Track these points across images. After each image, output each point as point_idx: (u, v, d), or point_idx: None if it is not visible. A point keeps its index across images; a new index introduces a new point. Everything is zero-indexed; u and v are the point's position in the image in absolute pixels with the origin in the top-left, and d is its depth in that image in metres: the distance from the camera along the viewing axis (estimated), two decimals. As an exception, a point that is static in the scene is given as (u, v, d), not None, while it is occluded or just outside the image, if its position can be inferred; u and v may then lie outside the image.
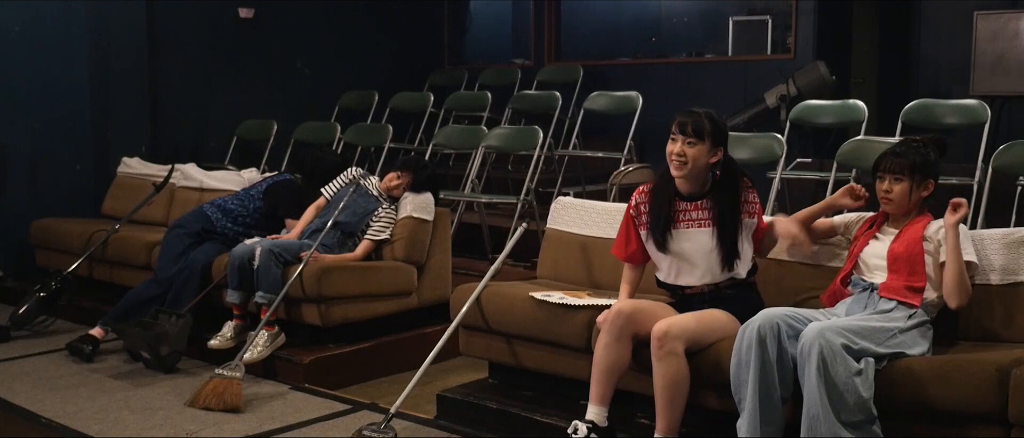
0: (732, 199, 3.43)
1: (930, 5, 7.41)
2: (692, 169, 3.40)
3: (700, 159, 3.40)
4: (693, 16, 9.25)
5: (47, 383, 4.55)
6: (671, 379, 3.23)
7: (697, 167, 3.40)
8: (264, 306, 4.57)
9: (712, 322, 3.36)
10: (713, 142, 3.40)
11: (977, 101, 5.61)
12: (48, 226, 6.17)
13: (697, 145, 3.39)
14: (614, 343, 3.36)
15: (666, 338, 3.23)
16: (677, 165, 3.42)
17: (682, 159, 3.40)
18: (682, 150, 3.40)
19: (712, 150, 3.41)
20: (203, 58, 7.33)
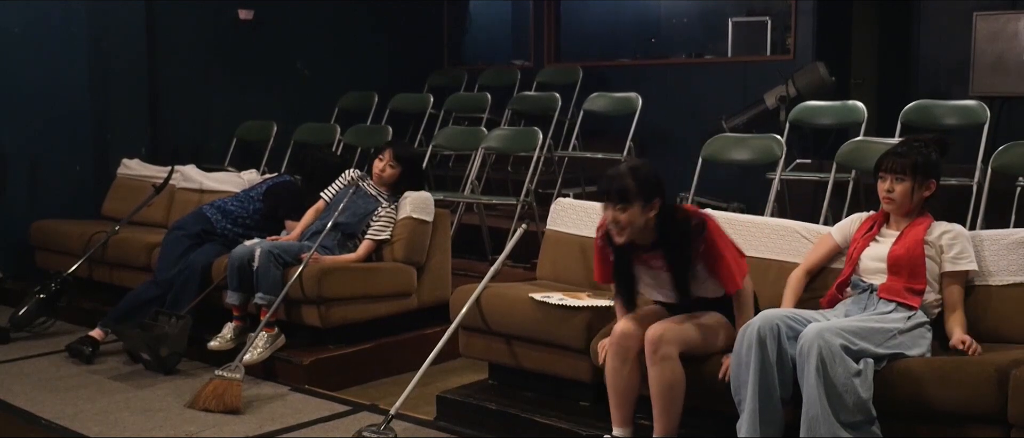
0: (683, 249, 3.30)
1: (929, 6, 7.40)
2: (632, 231, 3.27)
3: (636, 220, 3.25)
4: (692, 17, 9.25)
5: (47, 384, 4.55)
6: (666, 383, 3.23)
7: (636, 228, 3.27)
8: (264, 307, 4.57)
9: (706, 325, 3.35)
10: (643, 199, 3.24)
11: (976, 102, 5.61)
12: (48, 227, 6.17)
13: (628, 209, 3.24)
14: (622, 367, 3.35)
15: (660, 343, 3.23)
16: (616, 232, 3.28)
17: (618, 226, 3.26)
18: (615, 217, 3.26)
19: (645, 207, 3.25)
20: (203, 59, 7.33)
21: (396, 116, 7.68)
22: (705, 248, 3.28)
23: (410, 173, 4.99)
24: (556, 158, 6.63)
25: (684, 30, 9.29)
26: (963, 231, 3.41)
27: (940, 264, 3.36)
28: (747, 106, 6.99)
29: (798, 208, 5.70)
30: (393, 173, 4.93)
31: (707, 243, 3.28)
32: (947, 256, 3.35)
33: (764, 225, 4.01)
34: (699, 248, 3.29)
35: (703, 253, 3.29)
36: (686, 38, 9.15)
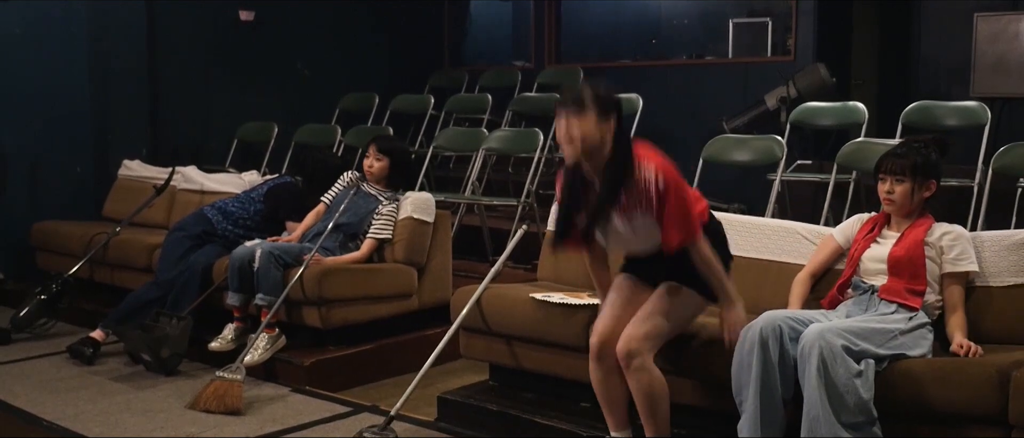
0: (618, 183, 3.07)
1: (930, 7, 7.41)
2: (585, 148, 3.03)
3: (590, 134, 3.01)
4: (693, 18, 9.25)
5: (48, 386, 4.55)
6: (645, 392, 3.18)
7: (590, 144, 3.02)
8: (264, 308, 4.57)
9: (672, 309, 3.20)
10: (599, 110, 3.02)
11: (977, 103, 5.61)
12: (49, 228, 6.17)
13: (583, 116, 3.01)
14: (606, 377, 3.29)
15: (630, 356, 3.15)
16: (566, 145, 3.06)
17: (570, 139, 3.03)
18: (568, 128, 3.03)
19: (600, 120, 3.02)
20: (203, 60, 7.34)
21: (397, 117, 7.69)
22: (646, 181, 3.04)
23: (398, 164, 4.98)
24: (557, 159, 6.63)
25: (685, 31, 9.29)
26: (964, 232, 3.40)
27: (940, 265, 3.36)
28: (748, 107, 6.99)
29: (799, 209, 5.70)
30: (381, 166, 4.93)
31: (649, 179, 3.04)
32: (948, 257, 3.35)
33: (765, 226, 4.02)
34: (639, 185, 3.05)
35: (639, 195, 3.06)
36: (687, 39, 9.15)
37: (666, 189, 3.05)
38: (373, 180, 4.95)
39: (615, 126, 3.07)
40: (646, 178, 3.05)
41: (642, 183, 3.05)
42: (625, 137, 3.11)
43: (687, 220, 3.09)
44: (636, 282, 3.34)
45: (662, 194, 3.05)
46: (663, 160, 3.10)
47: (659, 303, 3.22)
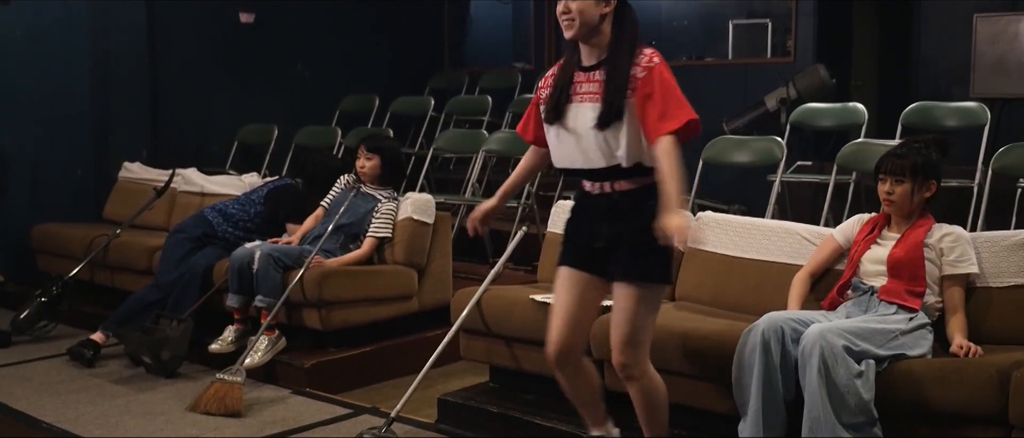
0: (624, 69, 2.89)
1: (930, 8, 7.41)
2: (582, 26, 2.90)
3: (587, 11, 2.88)
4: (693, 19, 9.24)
5: (48, 388, 4.55)
6: (646, 400, 3.10)
7: (588, 23, 2.89)
8: (264, 310, 4.57)
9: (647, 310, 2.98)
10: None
11: (977, 103, 5.61)
12: (49, 231, 6.18)
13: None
14: (571, 381, 3.16)
15: (628, 370, 3.02)
16: (565, 26, 2.92)
17: (568, 16, 2.90)
18: (566, 5, 2.89)
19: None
20: (204, 63, 7.34)
21: (397, 119, 7.69)
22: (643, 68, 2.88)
23: (389, 160, 4.98)
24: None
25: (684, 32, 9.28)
26: (964, 234, 3.40)
27: (940, 267, 3.36)
28: (748, 108, 6.99)
29: (799, 210, 5.70)
30: (372, 164, 4.93)
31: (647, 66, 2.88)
32: (948, 259, 3.35)
33: (765, 227, 4.02)
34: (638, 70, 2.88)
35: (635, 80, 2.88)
36: (686, 40, 9.14)
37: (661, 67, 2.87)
38: (368, 180, 4.96)
39: (615, 9, 2.93)
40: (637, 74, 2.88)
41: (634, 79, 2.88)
42: (627, 21, 2.95)
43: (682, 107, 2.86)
44: (580, 276, 3.06)
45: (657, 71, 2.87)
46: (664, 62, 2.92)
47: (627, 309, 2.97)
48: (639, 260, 2.94)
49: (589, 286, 3.06)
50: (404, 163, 5.27)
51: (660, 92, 2.85)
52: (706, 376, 3.42)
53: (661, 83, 2.86)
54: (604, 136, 2.90)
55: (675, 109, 2.84)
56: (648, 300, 2.98)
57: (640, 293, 2.95)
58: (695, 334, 3.48)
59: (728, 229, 4.06)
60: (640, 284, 2.95)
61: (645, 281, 2.95)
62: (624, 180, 2.94)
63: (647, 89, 2.85)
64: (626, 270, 2.95)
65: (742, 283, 3.92)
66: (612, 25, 2.94)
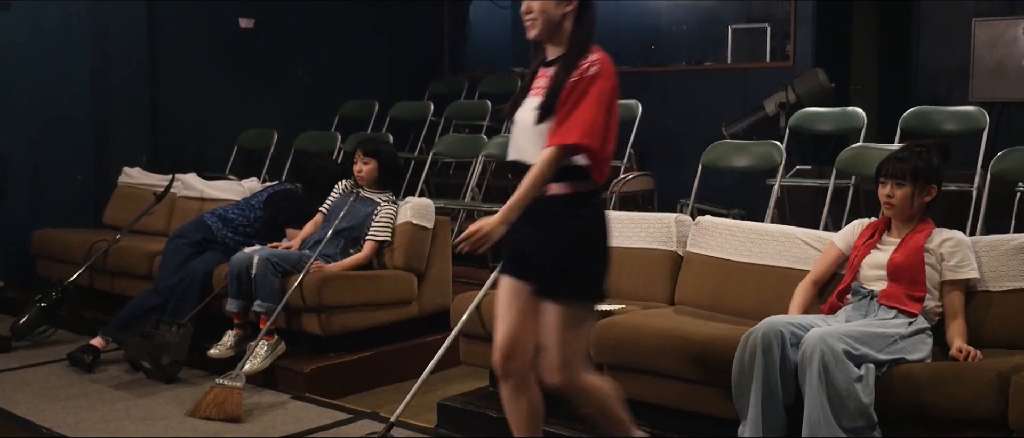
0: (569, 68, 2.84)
1: (928, 12, 7.41)
2: (544, 25, 2.88)
3: (548, 11, 2.86)
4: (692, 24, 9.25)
5: (48, 393, 4.55)
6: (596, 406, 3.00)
7: (549, 22, 2.87)
8: (262, 315, 4.57)
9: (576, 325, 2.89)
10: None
11: (976, 107, 5.62)
12: (49, 236, 6.18)
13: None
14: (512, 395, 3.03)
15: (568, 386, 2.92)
16: (528, 25, 2.91)
17: (530, 16, 2.89)
18: (528, 4, 2.89)
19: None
20: (204, 68, 7.35)
21: (396, 124, 7.69)
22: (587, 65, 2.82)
23: (386, 164, 4.98)
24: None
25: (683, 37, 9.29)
26: (964, 239, 3.41)
27: (940, 272, 3.36)
28: (747, 113, 7.00)
29: (798, 214, 5.71)
30: (369, 168, 4.94)
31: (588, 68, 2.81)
32: (948, 264, 3.35)
33: (765, 231, 4.02)
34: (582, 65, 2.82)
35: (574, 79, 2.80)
36: (686, 45, 9.14)
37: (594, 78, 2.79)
38: (365, 183, 4.97)
39: (577, 8, 2.89)
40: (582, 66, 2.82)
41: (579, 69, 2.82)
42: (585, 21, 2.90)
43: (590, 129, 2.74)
44: (518, 284, 2.97)
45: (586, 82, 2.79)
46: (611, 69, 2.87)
47: (553, 330, 2.88)
48: (561, 276, 2.84)
49: (528, 296, 2.94)
50: (401, 166, 5.28)
51: (573, 103, 2.78)
52: (705, 380, 3.42)
53: (579, 95, 2.78)
54: (540, 132, 2.82)
55: (574, 125, 2.74)
56: (573, 318, 2.86)
57: (562, 312, 2.84)
58: (694, 338, 3.48)
59: (727, 233, 4.07)
60: (560, 302, 2.85)
61: (565, 298, 2.85)
62: (555, 183, 2.82)
63: (568, 95, 2.79)
64: (547, 285, 2.86)
65: (741, 287, 3.93)
66: (573, 23, 2.89)
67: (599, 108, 2.78)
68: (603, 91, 2.80)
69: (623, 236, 4.30)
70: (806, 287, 3.60)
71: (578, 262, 2.82)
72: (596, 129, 2.76)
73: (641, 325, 3.68)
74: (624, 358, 3.65)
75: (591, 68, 2.81)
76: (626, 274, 4.24)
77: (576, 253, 2.80)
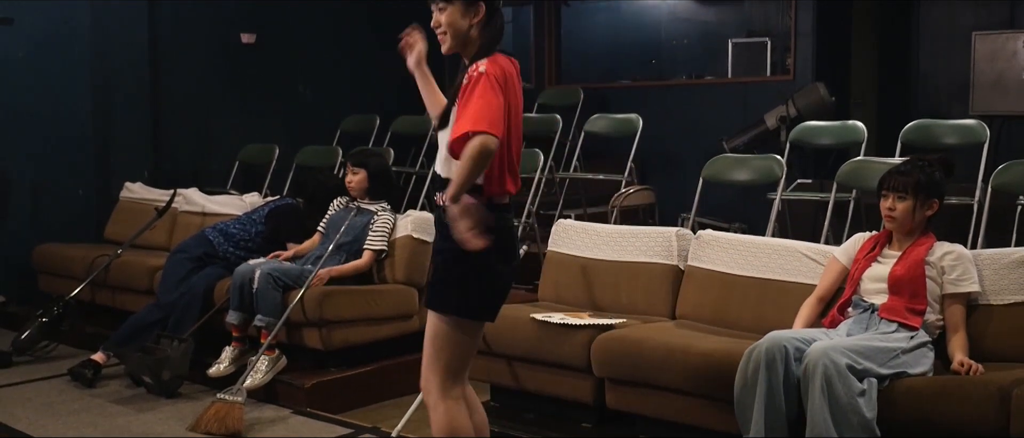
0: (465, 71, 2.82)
1: (928, 26, 7.44)
2: (453, 39, 2.86)
3: (455, 23, 2.84)
4: (693, 38, 9.29)
5: (49, 408, 4.55)
6: (435, 428, 2.90)
7: (458, 34, 2.85)
8: (263, 330, 4.57)
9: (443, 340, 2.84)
10: (465, 1, 2.83)
11: (976, 121, 5.62)
12: (50, 251, 6.18)
13: (447, 8, 2.84)
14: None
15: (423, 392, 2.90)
16: (441, 40, 2.89)
17: (440, 30, 2.87)
18: (437, 19, 2.87)
19: (467, 10, 2.83)
20: (205, 83, 7.36)
21: (398, 139, 7.70)
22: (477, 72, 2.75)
23: (375, 173, 5.00)
24: (557, 179, 6.64)
25: (684, 51, 9.33)
26: (965, 252, 3.41)
27: (941, 285, 3.36)
28: (747, 126, 7.01)
29: (799, 228, 5.70)
30: (359, 179, 4.96)
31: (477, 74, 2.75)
32: (949, 278, 3.35)
33: (766, 245, 4.02)
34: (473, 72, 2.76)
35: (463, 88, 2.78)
36: (686, 59, 9.19)
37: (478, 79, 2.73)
38: (358, 194, 4.99)
39: (484, 17, 2.84)
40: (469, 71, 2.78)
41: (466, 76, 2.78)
42: (491, 30, 2.85)
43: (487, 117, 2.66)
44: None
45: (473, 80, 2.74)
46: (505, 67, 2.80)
47: (428, 334, 2.88)
48: (436, 286, 2.85)
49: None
50: (393, 176, 5.28)
51: (465, 100, 2.74)
52: (707, 394, 3.42)
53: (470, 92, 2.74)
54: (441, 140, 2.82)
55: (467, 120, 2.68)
56: (443, 331, 2.82)
57: (435, 322, 2.83)
58: (696, 352, 3.48)
59: (728, 247, 4.07)
60: (434, 312, 2.84)
61: (437, 310, 2.83)
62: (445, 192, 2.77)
63: (463, 96, 2.76)
64: (429, 294, 2.88)
65: (743, 301, 3.93)
66: (479, 33, 2.86)
67: (489, 99, 2.70)
68: (488, 85, 2.72)
69: (624, 250, 4.31)
70: (811, 304, 3.59)
71: (453, 275, 2.77)
72: (494, 119, 2.67)
73: (642, 339, 3.68)
74: (625, 372, 3.65)
75: (479, 67, 2.76)
76: (627, 288, 4.24)
77: (453, 266, 2.75)
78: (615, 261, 4.31)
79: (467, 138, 2.64)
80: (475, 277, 2.77)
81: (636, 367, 3.60)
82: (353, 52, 8.21)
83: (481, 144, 2.63)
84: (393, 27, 3.26)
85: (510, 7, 9.81)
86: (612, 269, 4.30)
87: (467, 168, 2.64)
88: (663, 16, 9.62)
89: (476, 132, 2.63)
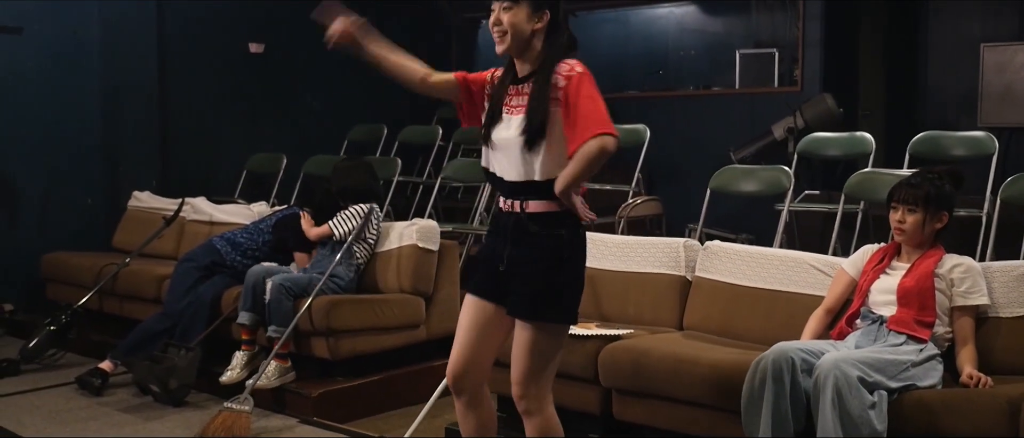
0: (549, 81, 2.80)
1: (937, 37, 7.43)
2: (514, 40, 2.84)
3: (519, 25, 2.82)
4: (700, 49, 9.28)
5: (57, 417, 4.56)
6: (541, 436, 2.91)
7: (519, 36, 2.84)
8: (276, 340, 4.57)
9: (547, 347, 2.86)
10: (533, 4, 2.83)
11: (985, 133, 5.62)
12: (59, 260, 6.19)
13: (512, 8, 2.82)
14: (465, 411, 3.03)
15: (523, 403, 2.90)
16: (497, 38, 2.87)
17: (499, 28, 2.85)
18: (498, 17, 2.85)
19: (534, 14, 2.83)
20: (213, 93, 7.39)
21: (405, 148, 7.71)
22: (564, 78, 2.76)
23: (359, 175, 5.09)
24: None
25: (692, 62, 9.32)
26: (975, 265, 3.40)
27: (950, 298, 3.35)
28: (755, 137, 7.01)
29: (807, 239, 5.70)
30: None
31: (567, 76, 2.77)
32: (958, 290, 3.34)
33: (773, 256, 4.02)
34: (559, 80, 2.77)
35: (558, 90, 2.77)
36: (694, 70, 9.17)
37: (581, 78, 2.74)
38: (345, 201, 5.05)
39: (549, 22, 2.85)
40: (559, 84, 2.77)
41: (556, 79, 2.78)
42: (558, 37, 2.87)
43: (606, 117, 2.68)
44: (483, 306, 2.98)
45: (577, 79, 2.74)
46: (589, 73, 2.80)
47: (524, 347, 2.86)
48: (535, 297, 2.81)
49: (492, 317, 2.95)
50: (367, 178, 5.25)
51: (574, 102, 2.73)
52: (714, 405, 3.41)
53: (575, 92, 2.73)
54: (527, 149, 2.80)
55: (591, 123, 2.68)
56: (546, 340, 2.83)
57: (536, 333, 2.82)
58: (703, 362, 3.47)
59: (736, 258, 4.06)
60: (535, 324, 2.82)
61: (540, 320, 2.82)
62: (536, 200, 2.81)
63: (567, 99, 2.75)
64: (521, 307, 2.84)
65: (750, 312, 3.92)
66: (544, 41, 2.86)
67: (599, 100, 2.73)
68: (592, 82, 2.76)
69: (631, 261, 4.31)
70: (819, 316, 3.58)
71: (552, 283, 2.79)
72: (605, 116, 2.70)
73: (650, 349, 3.67)
74: (633, 383, 3.64)
75: (576, 68, 2.78)
76: (634, 299, 4.23)
77: (550, 273, 2.78)
78: (622, 271, 4.31)
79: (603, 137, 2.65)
80: (572, 282, 2.83)
81: (643, 378, 3.59)
82: (360, 62, 8.22)
83: (602, 145, 2.65)
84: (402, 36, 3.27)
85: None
86: (619, 279, 4.29)
87: (583, 167, 2.68)
88: (671, 27, 9.62)
89: (602, 134, 2.65)
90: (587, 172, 2.70)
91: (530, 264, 2.81)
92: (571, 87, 2.74)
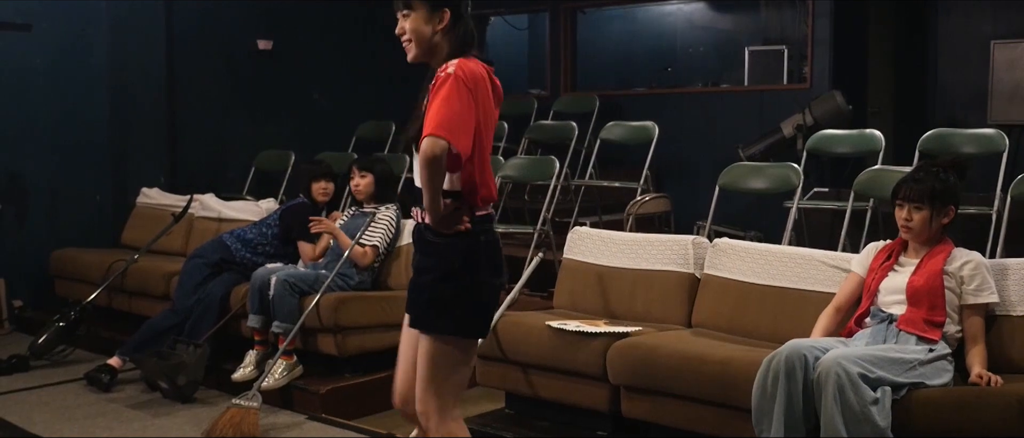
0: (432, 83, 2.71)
1: (946, 34, 7.40)
2: (419, 46, 2.76)
3: (420, 29, 2.74)
4: (709, 46, 9.27)
5: (65, 413, 4.57)
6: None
7: (422, 41, 2.76)
8: (281, 336, 4.58)
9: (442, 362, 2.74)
10: (430, 6, 2.74)
11: (995, 130, 5.59)
12: (68, 256, 6.21)
13: (411, 14, 2.75)
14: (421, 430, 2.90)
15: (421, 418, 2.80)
16: (406, 48, 2.80)
17: (404, 38, 2.78)
18: (401, 27, 2.78)
19: (432, 15, 2.74)
20: (221, 89, 7.39)
21: (413, 145, 7.71)
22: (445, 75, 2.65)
23: (382, 178, 5.05)
24: (573, 187, 6.63)
25: (700, 59, 9.31)
26: (983, 261, 3.38)
27: (960, 296, 3.33)
28: (764, 135, 6.99)
29: (816, 237, 5.68)
30: (366, 182, 5.01)
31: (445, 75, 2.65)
32: (968, 289, 3.32)
33: (782, 253, 4.01)
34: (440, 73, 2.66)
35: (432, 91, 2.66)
36: (702, 67, 9.16)
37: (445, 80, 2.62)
38: (364, 198, 5.02)
39: (450, 20, 2.75)
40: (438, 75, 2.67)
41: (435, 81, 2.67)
42: (457, 34, 2.76)
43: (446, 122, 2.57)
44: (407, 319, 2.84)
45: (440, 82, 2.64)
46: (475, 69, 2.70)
47: (422, 358, 2.75)
48: (428, 306, 2.72)
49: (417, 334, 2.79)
50: (397, 180, 5.29)
51: (429, 105, 2.64)
52: (723, 402, 3.40)
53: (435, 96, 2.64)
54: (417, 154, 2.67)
55: (428, 126, 2.58)
56: (440, 351, 2.71)
57: (429, 344, 2.71)
58: (711, 360, 3.47)
59: (745, 256, 4.06)
60: (429, 335, 2.72)
61: (432, 331, 2.71)
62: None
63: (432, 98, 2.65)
64: (415, 316, 2.76)
65: (759, 309, 3.91)
66: (450, 41, 2.77)
67: (453, 104, 2.61)
68: (454, 88, 2.62)
69: (640, 258, 4.30)
70: (829, 314, 3.55)
71: (441, 293, 2.69)
72: (453, 125, 2.58)
73: (658, 346, 3.67)
74: (641, 380, 3.64)
75: (448, 68, 2.66)
76: (643, 296, 4.23)
77: (441, 283, 2.68)
78: (631, 269, 4.30)
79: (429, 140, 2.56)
80: (468, 294, 2.70)
81: (652, 375, 3.59)
82: (369, 58, 8.23)
83: (427, 147, 2.55)
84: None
85: (526, 14, 9.84)
86: (628, 277, 4.29)
87: (422, 176, 2.59)
88: (679, 23, 9.61)
89: (429, 136, 2.56)
90: (426, 177, 2.59)
91: (426, 273, 2.73)
92: (433, 89, 2.66)
